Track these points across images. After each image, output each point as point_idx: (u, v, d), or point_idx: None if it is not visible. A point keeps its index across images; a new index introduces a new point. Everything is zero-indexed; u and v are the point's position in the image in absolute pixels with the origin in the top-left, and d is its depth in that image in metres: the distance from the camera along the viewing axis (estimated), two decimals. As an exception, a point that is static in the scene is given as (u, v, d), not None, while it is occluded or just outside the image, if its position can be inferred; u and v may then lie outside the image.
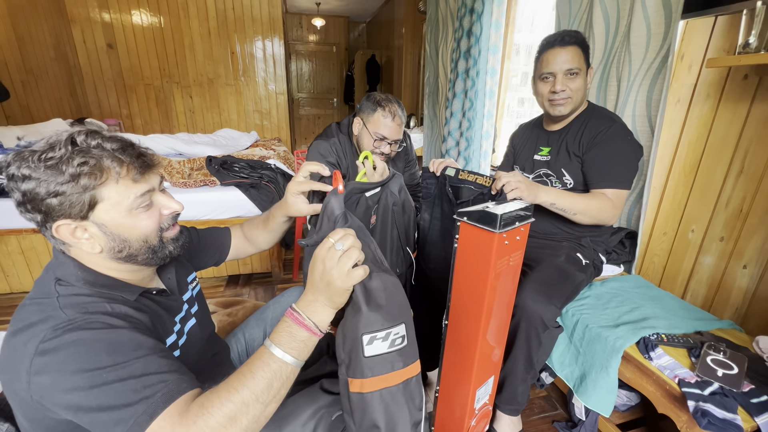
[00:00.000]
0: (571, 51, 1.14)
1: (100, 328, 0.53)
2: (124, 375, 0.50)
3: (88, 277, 0.59)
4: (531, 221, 0.84)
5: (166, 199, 0.64)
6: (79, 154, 0.54)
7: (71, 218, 0.55)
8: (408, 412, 0.62)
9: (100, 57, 3.81)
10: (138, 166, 0.58)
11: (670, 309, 1.14)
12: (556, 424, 1.25)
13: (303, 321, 0.57)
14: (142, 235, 0.60)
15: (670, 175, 1.36)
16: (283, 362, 0.54)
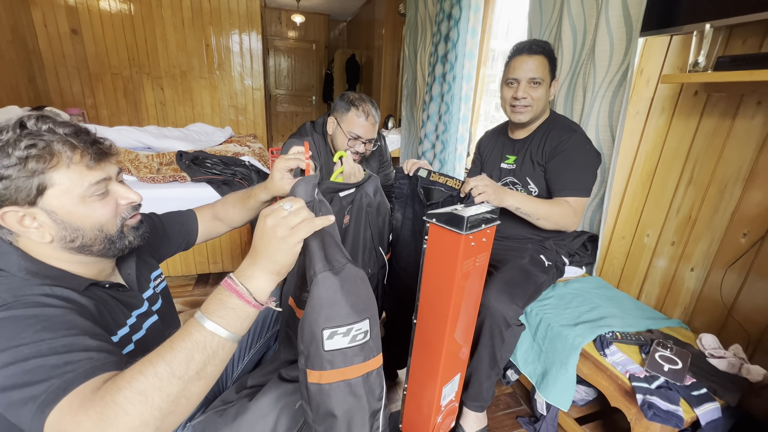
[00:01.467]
0: (537, 60, 1.19)
1: (32, 305, 0.50)
2: (45, 350, 0.45)
3: (32, 268, 0.56)
4: (497, 224, 0.88)
5: (123, 189, 0.62)
6: (27, 137, 0.52)
7: (18, 205, 0.53)
8: (366, 402, 0.62)
9: (63, 42, 3.60)
10: (93, 153, 0.57)
11: (625, 309, 1.21)
12: (520, 420, 1.30)
13: (235, 287, 0.50)
14: (97, 224, 0.59)
15: (629, 183, 1.45)
16: (209, 332, 0.47)
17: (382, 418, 0.67)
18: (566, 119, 1.31)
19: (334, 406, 0.59)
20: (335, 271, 0.59)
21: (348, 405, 0.60)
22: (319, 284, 0.58)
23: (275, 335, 1.09)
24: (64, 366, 0.44)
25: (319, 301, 0.58)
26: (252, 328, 1.05)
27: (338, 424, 0.59)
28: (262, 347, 1.08)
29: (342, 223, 1.14)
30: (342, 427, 0.60)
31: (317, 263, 0.59)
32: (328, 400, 0.59)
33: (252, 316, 0.51)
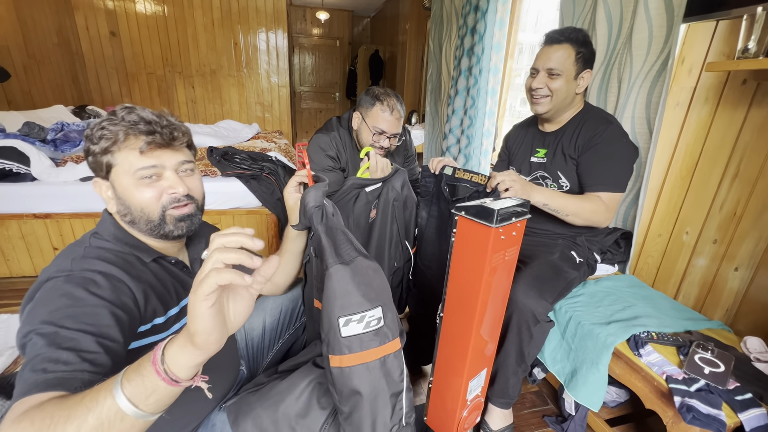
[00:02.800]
0: (559, 50, 1.14)
1: (79, 284, 0.56)
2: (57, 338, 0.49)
3: (118, 234, 0.66)
4: (527, 217, 0.86)
5: (173, 180, 0.67)
6: (107, 122, 0.63)
7: (100, 177, 0.66)
8: (386, 383, 0.65)
9: (103, 44, 3.80)
10: (146, 141, 0.64)
11: (661, 308, 1.16)
12: (547, 419, 1.28)
13: (156, 352, 0.42)
14: (140, 205, 0.65)
15: (666, 178, 1.38)
16: (112, 397, 0.39)
17: (406, 400, 0.69)
18: (602, 111, 1.26)
19: (357, 385, 0.62)
20: (345, 263, 0.64)
21: (369, 385, 0.63)
22: (331, 277, 0.63)
23: (303, 326, 1.12)
24: (52, 363, 0.47)
25: (333, 292, 0.63)
26: (280, 319, 1.08)
27: (362, 403, 0.63)
28: (291, 337, 1.11)
29: (369, 218, 1.15)
30: (366, 406, 0.63)
31: (328, 258, 0.64)
32: (350, 381, 0.63)
33: (162, 391, 0.41)
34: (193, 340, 0.40)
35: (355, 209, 1.11)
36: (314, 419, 0.68)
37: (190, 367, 0.41)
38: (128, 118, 0.64)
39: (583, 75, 1.18)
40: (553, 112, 1.23)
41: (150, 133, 0.64)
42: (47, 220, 1.91)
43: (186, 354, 0.41)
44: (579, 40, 1.14)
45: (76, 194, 1.91)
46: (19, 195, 1.86)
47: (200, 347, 0.40)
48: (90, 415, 0.38)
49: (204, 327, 0.39)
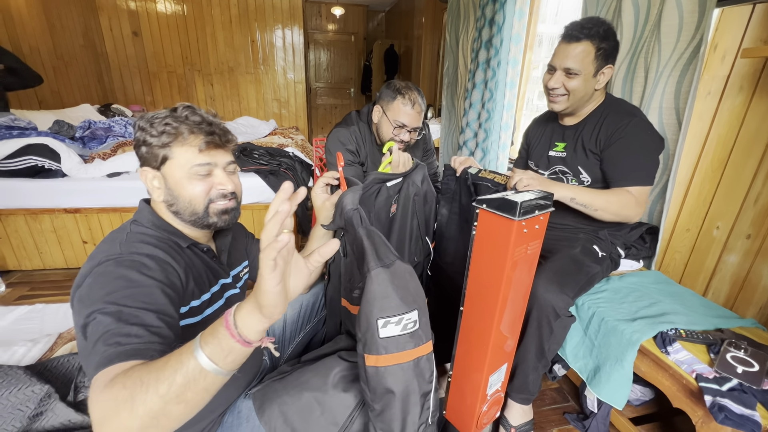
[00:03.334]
0: (577, 48, 1.09)
1: (131, 266, 0.60)
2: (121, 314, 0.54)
3: (156, 221, 0.72)
4: (551, 211, 0.84)
5: (223, 177, 0.73)
6: (170, 118, 0.69)
7: (151, 167, 0.71)
8: (418, 384, 0.67)
9: (126, 44, 3.91)
10: (206, 141, 0.70)
11: (690, 305, 1.13)
12: (568, 416, 1.26)
13: (227, 316, 0.46)
14: (188, 197, 0.71)
15: (696, 170, 1.33)
16: (194, 359, 0.44)
17: (433, 400, 0.71)
18: (624, 103, 1.22)
19: (392, 385, 0.64)
20: (386, 266, 0.66)
21: (403, 385, 0.65)
22: (372, 279, 0.65)
23: (323, 320, 1.14)
24: (124, 337, 0.52)
25: (373, 294, 0.65)
26: (301, 313, 1.10)
27: (395, 402, 0.65)
28: (311, 331, 1.13)
29: (389, 213, 1.15)
30: (398, 404, 0.65)
31: (370, 261, 0.67)
32: (384, 380, 0.64)
33: (237, 351, 0.45)
34: (261, 311, 0.45)
35: (376, 204, 1.11)
36: (341, 409, 0.70)
37: (259, 332, 0.46)
38: (192, 117, 0.70)
39: (604, 71, 1.13)
40: (572, 109, 1.20)
41: (210, 134, 0.70)
42: (77, 215, 1.99)
43: (255, 321, 0.46)
44: (600, 35, 1.08)
45: (104, 189, 1.99)
46: (50, 190, 1.94)
47: (267, 316, 0.46)
48: (177, 375, 0.43)
49: (272, 300, 0.44)
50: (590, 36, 1.08)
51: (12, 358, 1.06)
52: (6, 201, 1.91)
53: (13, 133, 1.97)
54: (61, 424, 0.80)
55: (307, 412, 0.69)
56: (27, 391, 0.82)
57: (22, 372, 0.86)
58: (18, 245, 1.99)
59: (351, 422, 0.69)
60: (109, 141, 2.30)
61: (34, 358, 1.09)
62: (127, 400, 0.42)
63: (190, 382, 0.44)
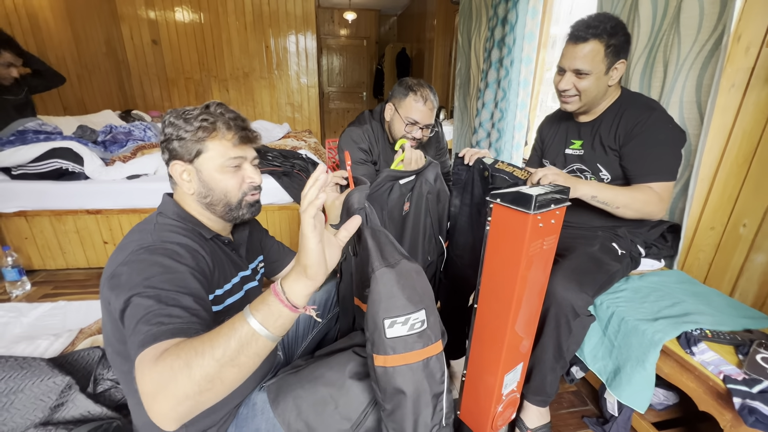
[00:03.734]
0: (585, 48, 1.06)
1: (165, 254, 0.63)
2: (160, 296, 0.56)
3: (181, 213, 0.74)
4: (567, 205, 0.82)
5: (252, 171, 0.77)
6: (205, 113, 0.71)
7: (183, 161, 0.72)
8: (428, 384, 0.66)
9: (146, 52, 4.04)
10: (239, 136, 0.73)
11: (715, 306, 1.08)
12: (587, 420, 1.22)
13: (275, 286, 0.51)
14: (223, 190, 0.74)
15: (720, 166, 1.28)
16: (246, 324, 0.48)
17: (446, 401, 0.70)
18: (642, 97, 1.18)
19: (401, 385, 0.64)
20: (391, 266, 0.65)
21: (412, 385, 0.64)
22: (377, 280, 0.64)
23: (336, 317, 1.14)
24: (166, 317, 0.54)
25: (378, 294, 0.64)
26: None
27: (405, 402, 0.64)
28: (324, 328, 1.13)
29: (402, 211, 1.15)
30: (408, 405, 0.64)
31: (374, 261, 0.66)
32: (394, 381, 0.64)
33: (286, 316, 0.50)
34: (306, 272, 0.51)
35: (389, 201, 1.11)
36: (355, 404, 0.69)
37: (305, 296, 0.52)
38: (227, 114, 0.73)
39: (617, 66, 1.09)
40: (586, 108, 1.18)
41: (242, 129, 0.74)
42: (98, 216, 2.05)
43: (301, 284, 0.51)
44: (608, 32, 1.04)
45: (123, 191, 2.04)
46: (74, 192, 2.01)
47: (312, 278, 0.51)
48: (231, 340, 0.47)
49: (316, 259, 0.50)
50: (597, 34, 1.05)
51: (35, 352, 1.10)
52: (33, 203, 1.99)
53: (40, 137, 2.05)
54: (81, 414, 0.82)
55: (321, 407, 0.68)
56: (49, 383, 0.84)
57: (45, 364, 0.88)
58: (43, 245, 2.06)
59: (365, 418, 0.69)
60: (129, 144, 2.37)
61: (56, 351, 1.12)
62: (183, 367, 0.45)
63: (243, 346, 0.47)
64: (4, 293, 1.84)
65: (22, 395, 0.82)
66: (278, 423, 0.69)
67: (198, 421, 0.70)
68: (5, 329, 1.35)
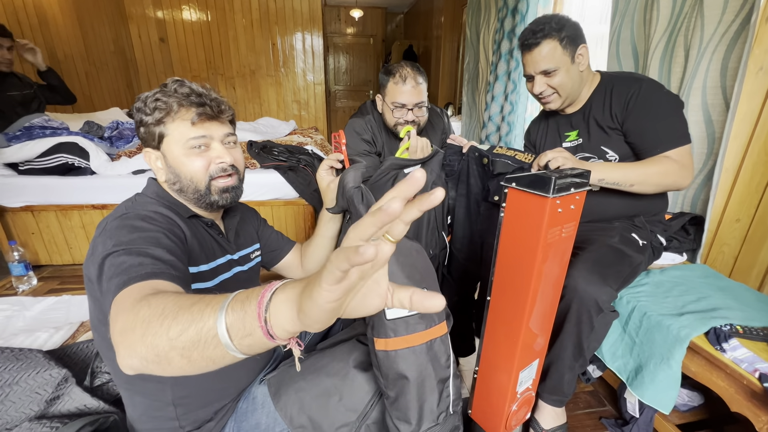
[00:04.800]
0: (544, 50, 1.05)
1: (137, 218, 0.60)
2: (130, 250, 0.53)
3: (161, 193, 0.70)
4: (588, 189, 0.77)
5: (220, 150, 0.70)
6: (160, 93, 0.66)
7: (151, 147, 0.69)
8: (433, 369, 0.63)
9: (153, 51, 4.05)
10: (197, 113, 0.66)
11: (745, 301, 1.01)
12: (605, 421, 1.16)
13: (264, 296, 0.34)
14: (189, 174, 0.68)
15: (747, 154, 1.21)
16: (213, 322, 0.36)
17: (453, 387, 0.66)
18: (623, 73, 1.15)
19: (404, 370, 0.60)
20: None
21: (416, 370, 0.61)
22: None
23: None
24: (138, 266, 0.51)
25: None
26: None
27: (409, 387, 0.60)
28: None
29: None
30: (412, 391, 0.61)
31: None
32: (396, 365, 0.60)
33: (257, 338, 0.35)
34: (299, 316, 0.32)
35: None
36: (360, 395, 0.66)
37: (288, 332, 0.34)
38: (180, 90, 0.66)
39: (580, 53, 1.07)
40: (569, 100, 1.15)
41: (200, 105, 0.67)
42: (104, 211, 2.04)
43: (288, 320, 0.33)
44: (554, 28, 1.04)
45: (129, 186, 2.03)
46: (80, 187, 2.00)
47: (303, 325, 0.33)
48: (192, 326, 0.37)
49: (316, 316, 0.31)
50: (546, 35, 1.04)
51: (34, 344, 1.07)
52: (39, 197, 1.98)
53: (46, 132, 2.05)
54: (77, 408, 0.79)
55: (325, 399, 0.64)
56: (45, 375, 0.81)
57: (41, 356, 0.86)
58: (49, 240, 2.06)
59: (371, 409, 0.65)
60: (135, 140, 2.36)
61: (56, 344, 1.10)
62: (144, 322, 0.39)
63: (199, 342, 0.37)
64: (10, 288, 1.83)
65: (17, 388, 0.79)
66: (280, 417, 0.66)
67: (192, 413, 0.67)
68: (8, 322, 1.33)
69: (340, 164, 0.95)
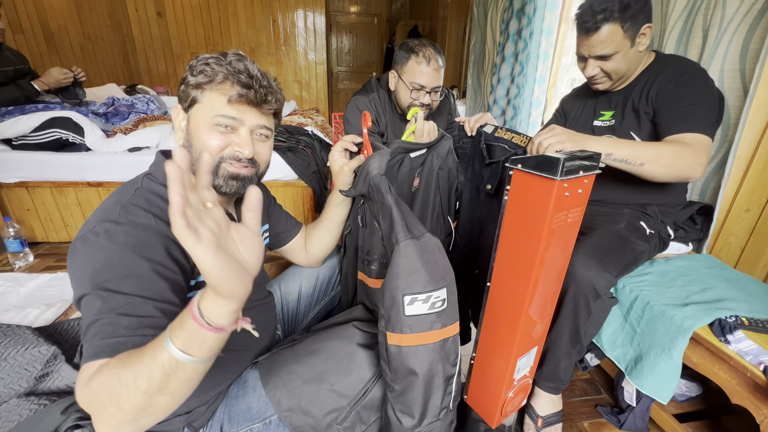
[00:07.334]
0: (602, 35, 0.96)
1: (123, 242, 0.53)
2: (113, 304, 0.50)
3: None
4: (597, 173, 0.73)
5: (244, 140, 0.65)
6: (214, 60, 0.63)
7: (182, 107, 0.66)
8: (442, 367, 0.63)
9: (151, 25, 3.94)
10: (238, 92, 0.62)
11: (750, 292, 0.99)
12: (600, 409, 1.16)
13: (196, 315, 0.40)
14: (200, 147, 0.64)
15: (761, 142, 1.16)
16: (167, 353, 0.40)
17: (455, 384, 0.67)
18: (678, 58, 1.07)
19: (415, 366, 0.59)
20: (416, 238, 0.61)
21: (427, 367, 0.61)
22: (401, 252, 0.60)
23: (339, 295, 1.08)
24: (113, 327, 0.48)
25: (400, 267, 0.60)
26: (317, 286, 1.05)
27: (417, 384, 0.60)
28: (327, 305, 1.08)
29: (411, 187, 1.07)
30: (420, 387, 0.61)
31: (399, 232, 0.61)
32: (408, 361, 0.60)
33: (211, 339, 0.41)
34: (217, 291, 0.38)
35: (399, 176, 1.03)
36: (354, 381, 0.64)
37: (229, 314, 0.40)
38: (235, 64, 0.63)
39: (643, 32, 0.98)
40: (620, 83, 1.09)
41: (245, 86, 0.63)
42: (99, 189, 2.01)
43: (219, 305, 0.40)
44: (618, 9, 0.93)
45: (125, 164, 1.99)
46: (75, 164, 1.96)
47: (227, 296, 0.39)
48: (154, 371, 0.40)
49: (220, 277, 0.37)
50: (607, 18, 0.94)
51: (24, 320, 1.06)
52: (33, 173, 1.95)
53: (39, 107, 1.99)
54: (66, 386, 0.78)
55: (317, 383, 0.63)
56: (34, 352, 0.80)
57: (30, 332, 0.84)
58: (45, 217, 2.04)
59: (364, 396, 0.63)
60: (131, 117, 2.31)
61: (47, 320, 1.08)
62: (111, 398, 0.41)
63: (169, 375, 0.41)
64: (7, 264, 1.82)
65: (5, 364, 0.78)
66: (270, 401, 0.64)
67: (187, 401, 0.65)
68: (1, 298, 1.32)
69: (354, 147, 0.92)
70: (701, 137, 0.91)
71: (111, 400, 0.41)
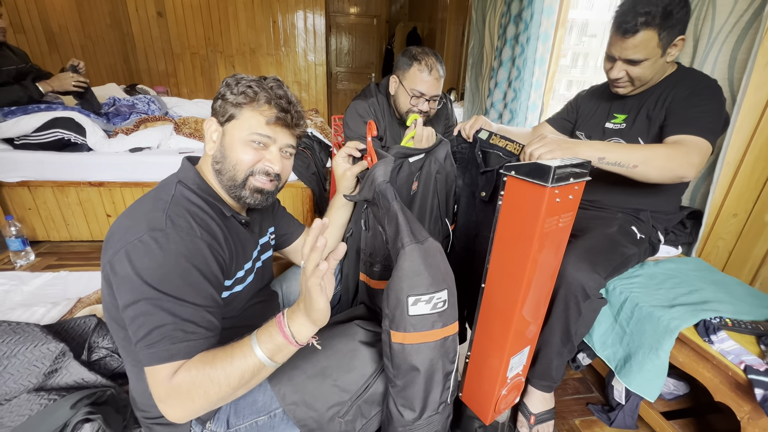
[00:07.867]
0: (637, 39, 0.94)
1: (175, 250, 0.58)
2: (176, 311, 0.57)
3: (201, 184, 0.70)
4: (587, 180, 0.77)
5: (274, 156, 0.72)
6: (256, 83, 0.69)
7: (217, 120, 0.71)
8: (442, 363, 0.67)
9: (151, 25, 3.95)
10: (276, 116, 0.69)
11: (736, 294, 1.03)
12: (591, 407, 1.19)
13: (283, 328, 0.57)
14: (234, 161, 0.70)
15: (748, 149, 1.20)
16: (257, 359, 0.56)
17: (453, 380, 0.71)
18: (699, 71, 1.06)
19: (417, 362, 0.64)
20: (420, 242, 0.65)
21: (428, 363, 0.65)
22: (406, 256, 0.64)
23: (338, 295, 1.11)
24: (183, 333, 0.57)
25: (404, 271, 0.63)
26: None
27: (418, 379, 0.64)
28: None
29: (410, 190, 1.10)
30: (421, 382, 0.64)
31: (405, 237, 0.65)
32: (410, 358, 0.64)
33: (292, 351, 0.58)
34: (315, 324, 0.57)
35: (398, 180, 1.06)
36: (356, 377, 0.68)
37: (311, 335, 0.58)
38: (276, 90, 0.70)
39: (675, 43, 0.97)
40: (640, 90, 1.09)
41: (283, 111, 0.70)
42: (101, 188, 2.03)
43: (307, 329, 0.57)
44: (661, 15, 0.90)
45: (126, 164, 2.01)
46: (77, 164, 1.98)
47: (317, 324, 0.57)
48: (246, 373, 0.56)
49: (325, 314, 0.56)
50: (648, 23, 0.91)
51: (31, 318, 1.08)
52: (35, 173, 1.97)
53: (41, 107, 2.01)
54: (75, 381, 0.81)
55: (320, 379, 0.66)
56: (43, 348, 0.83)
57: (38, 330, 0.86)
58: (47, 217, 2.05)
59: (365, 391, 0.66)
60: (133, 117, 2.33)
61: (53, 318, 1.11)
62: (202, 394, 0.54)
63: (254, 375, 0.57)
64: (8, 263, 1.84)
65: (16, 360, 0.80)
66: (275, 395, 0.67)
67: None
68: (6, 297, 1.34)
69: (359, 153, 0.95)
70: (699, 140, 0.92)
71: (199, 393, 0.53)
